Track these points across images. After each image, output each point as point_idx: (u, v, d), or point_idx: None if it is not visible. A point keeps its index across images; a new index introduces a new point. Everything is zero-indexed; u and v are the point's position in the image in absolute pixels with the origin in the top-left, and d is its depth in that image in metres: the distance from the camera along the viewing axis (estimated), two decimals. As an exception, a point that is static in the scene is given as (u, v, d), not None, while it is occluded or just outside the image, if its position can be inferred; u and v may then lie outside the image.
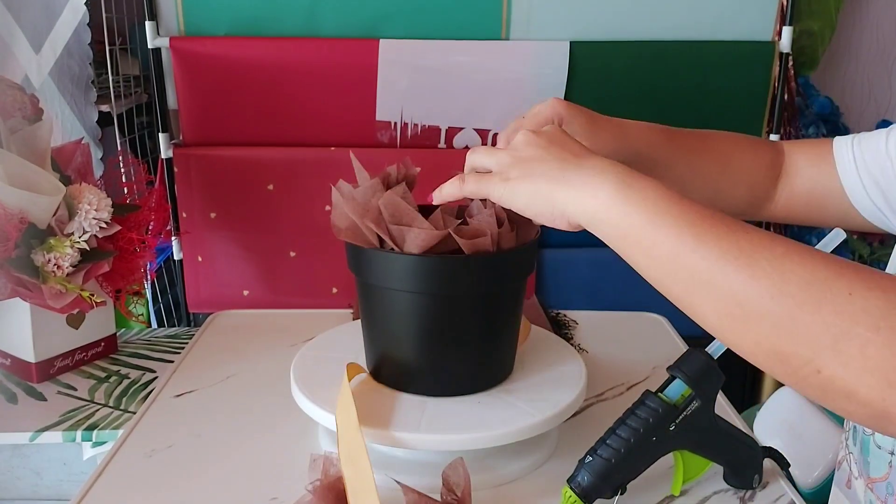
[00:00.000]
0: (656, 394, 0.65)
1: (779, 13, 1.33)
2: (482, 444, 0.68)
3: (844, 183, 0.72)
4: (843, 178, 0.72)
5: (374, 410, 0.70)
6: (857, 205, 0.72)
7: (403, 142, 1.33)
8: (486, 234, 0.66)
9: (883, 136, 0.70)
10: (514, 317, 0.75)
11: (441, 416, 0.69)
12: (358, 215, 0.67)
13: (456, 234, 0.65)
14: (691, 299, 0.50)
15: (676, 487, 0.68)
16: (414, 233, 0.65)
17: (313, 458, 0.63)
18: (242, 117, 1.30)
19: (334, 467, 0.63)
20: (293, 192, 1.32)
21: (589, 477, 0.62)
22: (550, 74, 1.29)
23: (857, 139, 0.73)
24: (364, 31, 1.28)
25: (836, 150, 0.73)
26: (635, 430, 0.63)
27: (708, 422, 0.66)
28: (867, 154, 0.71)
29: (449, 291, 0.68)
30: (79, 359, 1.03)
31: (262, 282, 1.36)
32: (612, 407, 0.86)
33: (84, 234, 0.94)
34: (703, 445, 0.67)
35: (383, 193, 0.67)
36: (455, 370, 0.73)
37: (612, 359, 0.97)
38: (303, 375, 0.76)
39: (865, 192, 0.71)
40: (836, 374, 0.43)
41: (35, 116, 0.99)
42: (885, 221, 0.71)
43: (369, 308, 0.73)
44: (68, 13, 1.29)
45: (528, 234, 0.70)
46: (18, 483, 1.63)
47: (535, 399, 0.72)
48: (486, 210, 0.67)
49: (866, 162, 0.71)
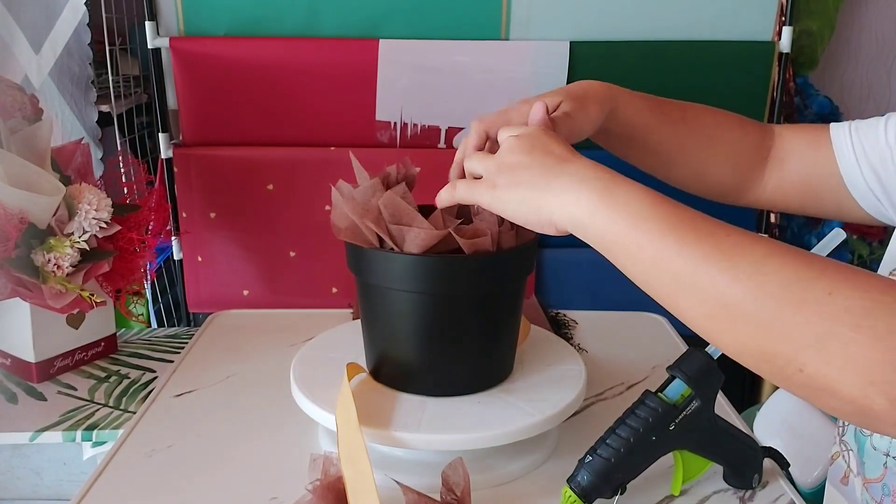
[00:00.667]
0: (656, 393, 0.65)
1: (778, 13, 1.33)
2: (482, 443, 0.68)
3: (843, 171, 0.71)
4: (842, 166, 0.71)
5: (374, 410, 0.70)
6: (855, 194, 0.71)
7: (403, 142, 1.33)
8: (486, 234, 0.66)
9: (881, 124, 0.70)
10: (514, 317, 0.75)
11: (441, 416, 0.69)
12: (358, 215, 0.67)
13: (456, 234, 0.65)
14: (677, 301, 0.51)
15: (676, 487, 0.68)
16: (414, 232, 0.65)
17: (313, 458, 0.63)
18: (242, 117, 1.30)
19: (334, 467, 0.63)
20: (293, 192, 1.32)
21: (589, 476, 0.62)
22: (550, 74, 1.29)
23: (854, 126, 0.72)
24: (364, 31, 1.28)
25: (835, 137, 0.73)
26: (635, 429, 0.63)
27: (708, 422, 0.66)
28: (866, 142, 0.70)
29: (449, 291, 0.68)
30: (79, 359, 1.03)
31: (262, 282, 1.36)
32: (611, 406, 0.86)
33: (84, 234, 0.94)
34: (703, 445, 0.67)
35: (383, 193, 0.67)
36: (455, 370, 0.73)
37: (612, 358, 0.97)
38: (303, 375, 0.76)
39: (864, 181, 0.70)
40: (819, 372, 0.44)
41: (35, 116, 0.99)
42: (882, 211, 0.71)
43: (369, 308, 0.73)
44: (68, 13, 1.29)
45: (528, 234, 0.71)
46: (18, 483, 1.63)
47: (534, 399, 0.72)
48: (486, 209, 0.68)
49: (865, 150, 0.70)
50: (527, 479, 0.72)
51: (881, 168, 0.69)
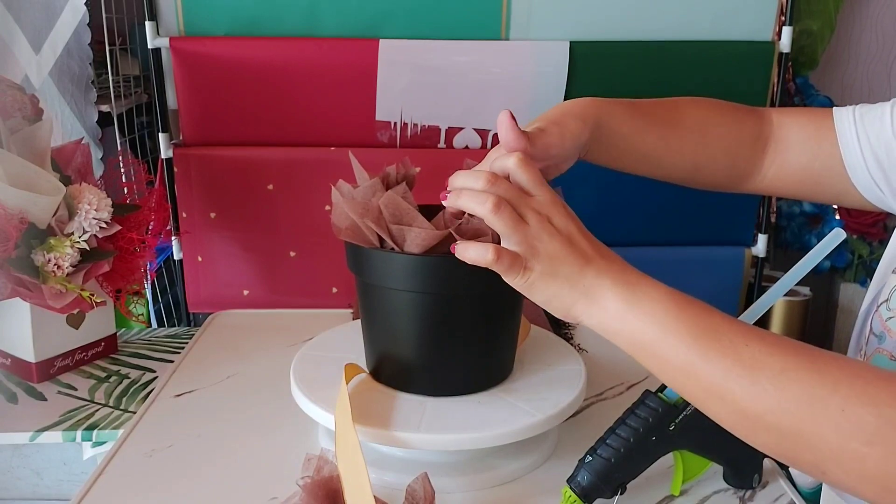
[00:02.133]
0: (656, 393, 0.65)
1: (778, 13, 1.33)
2: (482, 443, 0.68)
3: (846, 160, 0.71)
4: (846, 155, 0.71)
5: (373, 410, 0.70)
6: (856, 182, 0.71)
7: (403, 142, 1.33)
8: (487, 234, 0.66)
9: (887, 111, 0.69)
10: (514, 317, 0.75)
11: (441, 416, 0.69)
12: (358, 215, 0.67)
13: (456, 234, 0.65)
14: (707, 407, 0.54)
15: (676, 487, 0.69)
16: (414, 232, 0.65)
17: (308, 458, 0.63)
18: (242, 117, 1.30)
19: (328, 465, 0.63)
20: (293, 192, 1.32)
21: (589, 476, 0.62)
22: (550, 74, 1.29)
23: (858, 113, 0.71)
24: (364, 31, 1.28)
25: (839, 125, 0.72)
26: (635, 429, 0.63)
27: (708, 421, 0.66)
28: (871, 131, 0.70)
29: (449, 291, 0.68)
30: (79, 359, 1.03)
31: (262, 282, 1.36)
32: (611, 406, 0.86)
33: (84, 234, 0.94)
34: (703, 445, 0.67)
35: (383, 193, 0.67)
36: (455, 370, 0.73)
37: (612, 358, 0.97)
38: (303, 375, 0.76)
39: (867, 170, 0.70)
40: (840, 480, 0.48)
41: (35, 116, 0.99)
42: (883, 199, 0.70)
43: (370, 308, 0.73)
44: (68, 13, 1.29)
45: None
46: (18, 483, 1.63)
47: (534, 399, 0.72)
48: None
49: (870, 139, 0.70)
50: (527, 480, 0.72)
51: (885, 157, 0.69)
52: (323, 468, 0.63)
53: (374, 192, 0.69)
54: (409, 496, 0.62)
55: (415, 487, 0.63)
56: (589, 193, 1.37)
